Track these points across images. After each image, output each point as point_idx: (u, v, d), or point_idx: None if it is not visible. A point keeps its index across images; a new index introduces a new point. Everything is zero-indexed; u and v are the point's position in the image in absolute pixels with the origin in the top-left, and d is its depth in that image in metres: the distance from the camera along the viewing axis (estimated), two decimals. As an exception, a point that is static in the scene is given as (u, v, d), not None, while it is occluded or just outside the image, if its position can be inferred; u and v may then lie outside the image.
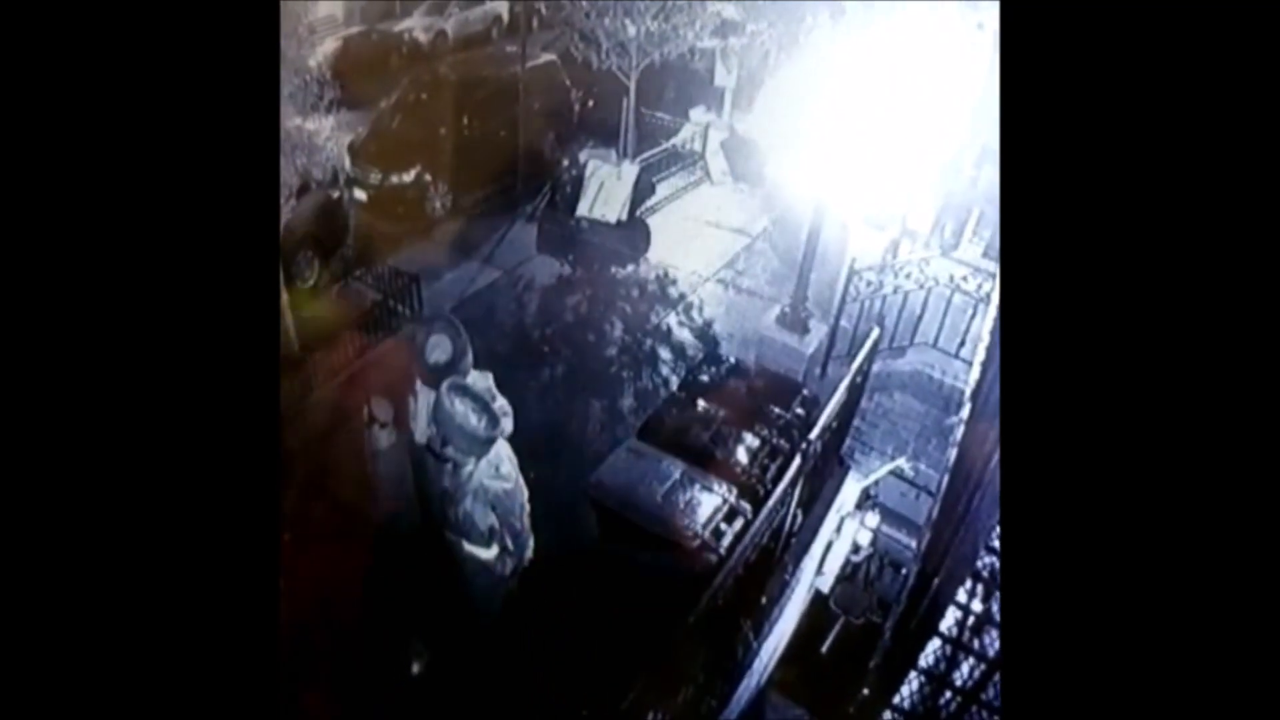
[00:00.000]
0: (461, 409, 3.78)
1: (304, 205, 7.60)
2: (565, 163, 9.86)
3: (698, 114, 11.62)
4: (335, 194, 8.27)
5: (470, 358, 4.21)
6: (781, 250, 8.97)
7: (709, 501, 4.81)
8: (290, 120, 5.69)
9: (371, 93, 11.13)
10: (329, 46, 13.59)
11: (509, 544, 4.09)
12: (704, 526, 4.67)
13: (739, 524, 4.71)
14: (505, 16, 17.52)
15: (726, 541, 4.61)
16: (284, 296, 6.39)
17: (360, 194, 9.15)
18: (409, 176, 9.25)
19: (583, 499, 4.96)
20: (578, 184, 9.52)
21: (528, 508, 4.11)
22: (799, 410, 5.57)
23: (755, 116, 11.14)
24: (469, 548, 4.10)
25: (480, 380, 4.27)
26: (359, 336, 6.96)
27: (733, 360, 6.31)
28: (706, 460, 5.11)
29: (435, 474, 4.52)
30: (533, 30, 11.79)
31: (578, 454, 6.02)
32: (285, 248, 6.81)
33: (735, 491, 4.89)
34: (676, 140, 11.09)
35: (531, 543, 4.23)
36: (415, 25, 16.13)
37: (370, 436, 4.76)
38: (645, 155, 10.20)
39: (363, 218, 8.97)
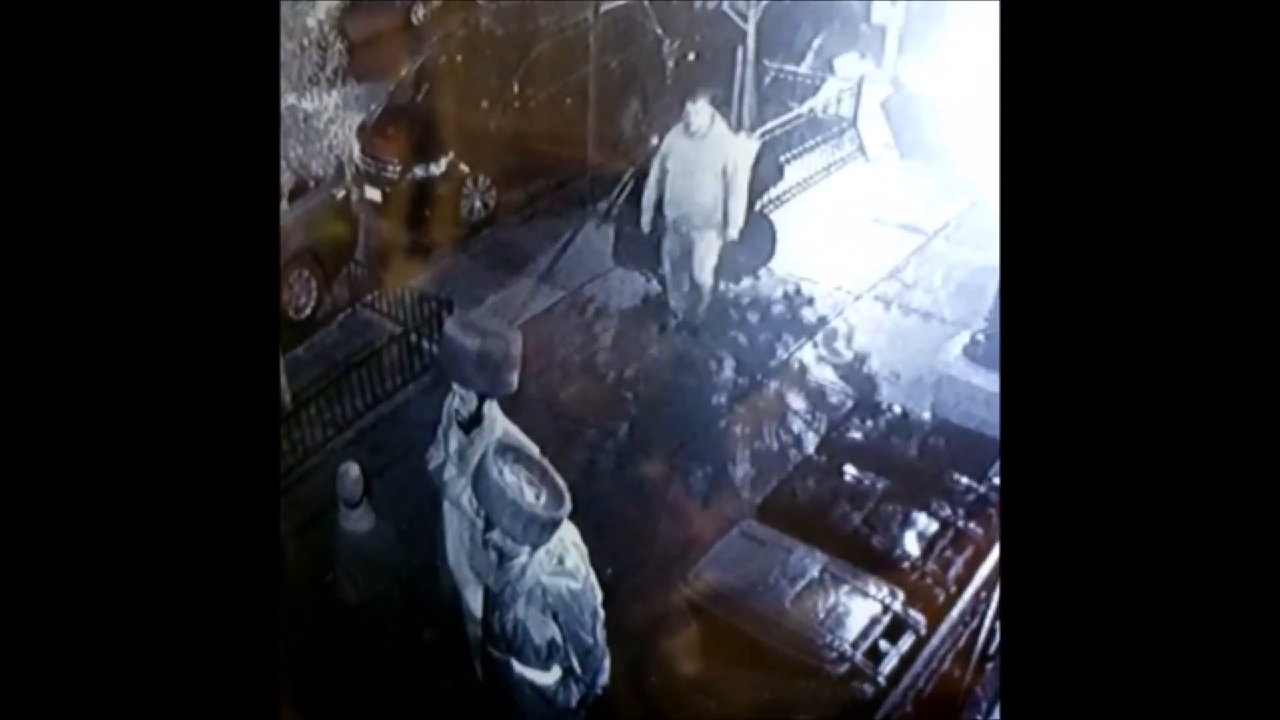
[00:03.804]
0: (513, 479, 3.99)
1: (300, 210, 8.25)
2: (654, 141, 10.20)
3: (847, 64, 11.86)
4: (340, 194, 8.89)
5: (515, 375, 4.57)
6: (971, 254, 9.01)
7: (863, 609, 4.87)
8: (282, 99, 6.22)
9: (389, 57, 11.93)
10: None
11: (575, 665, 4.26)
12: (855, 645, 4.72)
13: (908, 642, 4.75)
14: (571, -56, 18.33)
15: (889, 666, 4.65)
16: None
17: (374, 193, 9.79)
18: (439, 167, 9.85)
19: (678, 602, 5.10)
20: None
21: (601, 615, 4.28)
22: (997, 480, 5.58)
23: (933, 65, 11.26)
24: (520, 669, 4.30)
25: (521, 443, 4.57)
26: (372, 382, 7.42)
27: (898, 410, 6.35)
28: (859, 551, 5.18)
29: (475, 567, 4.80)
30: (609, -40, 12.33)
31: (671, 541, 6.19)
32: (274, 267, 7.40)
33: (902, 596, 4.93)
34: (815, 103, 11.33)
35: (607, 664, 4.39)
36: (448, -36, 17.08)
37: (340, 516, 5.12)
38: (770, 126, 10.47)
39: (377, 224, 9.60)
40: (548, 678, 4.29)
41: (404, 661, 5.09)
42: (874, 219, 9.93)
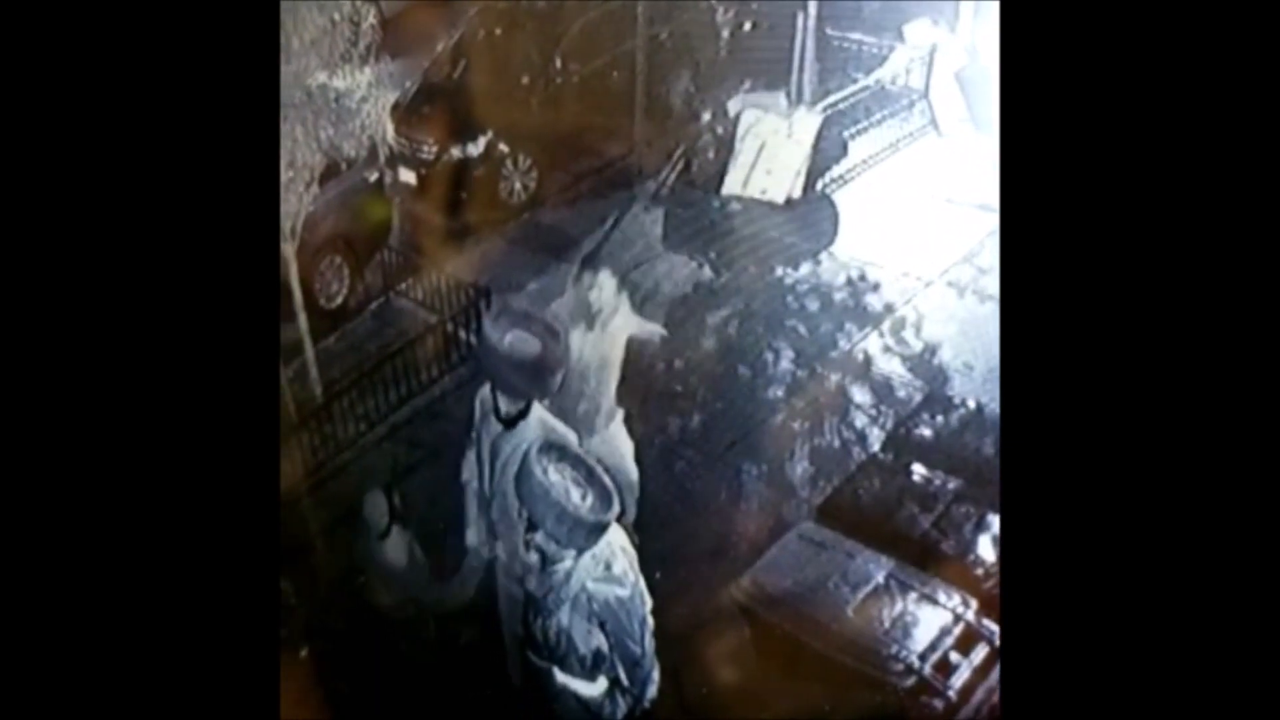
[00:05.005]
0: (558, 479, 4.03)
1: (331, 194, 8.33)
2: (707, 116, 10.19)
3: (917, 31, 11.75)
4: (373, 177, 8.99)
5: (561, 376, 4.57)
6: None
7: (932, 618, 4.88)
8: (313, 77, 6.32)
9: (424, 32, 12.03)
10: (366, -29, 14.86)
11: (623, 676, 4.29)
12: (924, 656, 4.73)
13: (981, 654, 4.73)
14: (619, -92, 18.38)
15: (961, 679, 4.65)
16: (302, 322, 7.03)
17: (408, 175, 9.88)
18: (477, 148, 9.92)
19: (731, 608, 5.12)
20: (727, 147, 9.81)
21: (650, 624, 4.30)
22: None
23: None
24: (563, 679, 4.33)
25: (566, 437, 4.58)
26: (406, 374, 7.49)
27: (971, 404, 6.33)
28: (928, 556, 5.19)
29: (516, 570, 4.84)
30: (659, -76, 12.33)
31: (724, 544, 6.21)
32: (305, 254, 7.47)
33: (975, 605, 4.91)
34: (883, 74, 11.27)
35: (656, 675, 4.40)
36: (487, -68, 17.21)
37: (371, 544, 5.14)
38: (832, 99, 10.42)
39: (412, 208, 9.67)
40: (593, 689, 4.32)
41: (439, 667, 5.15)
42: (946, 198, 9.84)
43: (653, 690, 4.40)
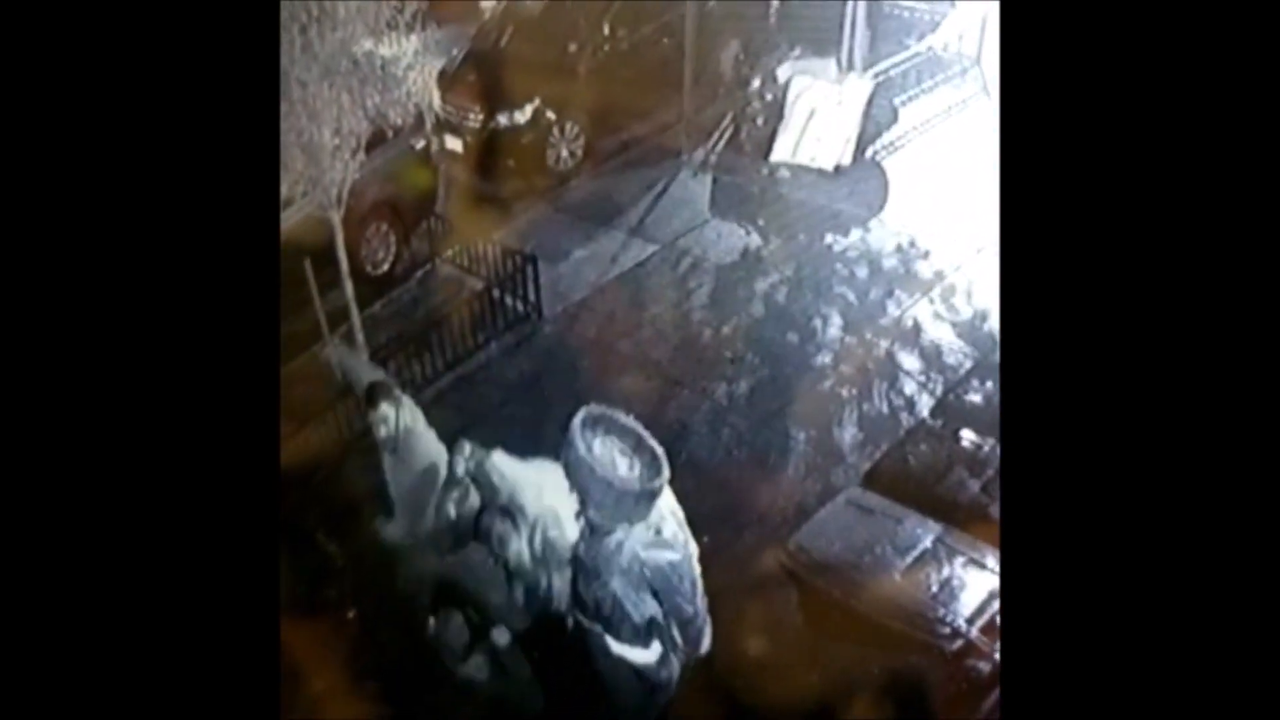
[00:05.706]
0: (603, 452, 4.01)
1: (377, 161, 8.40)
2: (756, 83, 10.15)
3: (969, -4, 11.64)
4: (420, 144, 9.07)
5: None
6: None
7: (980, 582, 4.89)
8: (359, 44, 6.38)
9: (471, -2, 12.09)
10: (412, -62, 14.89)
11: (677, 636, 4.28)
12: (971, 620, 4.75)
13: (1029, 618, 4.73)
14: None
15: (1008, 643, 4.63)
16: (348, 289, 7.13)
17: (455, 142, 9.98)
18: (524, 115, 9.97)
19: (778, 573, 5.17)
20: (776, 113, 9.77)
21: (700, 584, 4.30)
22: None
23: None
24: (617, 648, 4.32)
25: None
26: (452, 341, 7.61)
27: (1022, 371, 6.27)
28: (976, 521, 5.18)
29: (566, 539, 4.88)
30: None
31: (771, 508, 6.26)
32: (351, 221, 7.56)
33: (1023, 570, 4.91)
34: (935, 40, 11.16)
35: (709, 631, 4.39)
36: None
37: (449, 663, 5.12)
38: (883, 66, 10.34)
39: (458, 175, 9.76)
40: (648, 655, 4.31)
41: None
42: (998, 165, 9.74)
43: (706, 644, 4.40)
